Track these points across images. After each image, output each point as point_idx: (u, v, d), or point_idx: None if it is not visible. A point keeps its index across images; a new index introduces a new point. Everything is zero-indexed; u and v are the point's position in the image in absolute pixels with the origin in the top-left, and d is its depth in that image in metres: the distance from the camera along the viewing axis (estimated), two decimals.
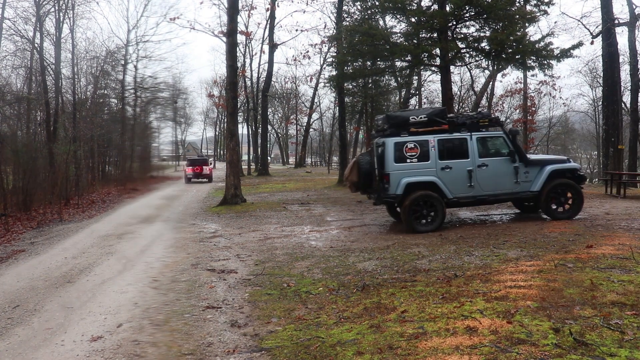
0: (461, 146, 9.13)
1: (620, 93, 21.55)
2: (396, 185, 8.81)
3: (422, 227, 8.83)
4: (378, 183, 9.11)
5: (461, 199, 9.12)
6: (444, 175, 8.96)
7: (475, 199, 9.24)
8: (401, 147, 8.90)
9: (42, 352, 4.07)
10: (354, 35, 16.65)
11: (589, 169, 54.85)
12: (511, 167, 9.22)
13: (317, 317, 4.45)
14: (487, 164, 9.14)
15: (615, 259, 5.48)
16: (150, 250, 8.42)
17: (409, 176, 8.85)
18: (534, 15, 14.59)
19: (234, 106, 16.23)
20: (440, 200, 8.90)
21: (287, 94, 56.74)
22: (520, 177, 9.23)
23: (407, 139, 8.96)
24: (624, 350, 3.04)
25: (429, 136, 9.02)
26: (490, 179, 9.14)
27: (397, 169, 8.86)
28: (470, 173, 9.03)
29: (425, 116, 9.16)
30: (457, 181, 9.01)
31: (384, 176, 8.93)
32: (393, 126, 9.09)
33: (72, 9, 22.66)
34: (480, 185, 9.09)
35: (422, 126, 9.07)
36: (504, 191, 9.28)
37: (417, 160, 8.93)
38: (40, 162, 16.09)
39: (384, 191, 8.95)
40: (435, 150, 8.98)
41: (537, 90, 39.53)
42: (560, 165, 9.60)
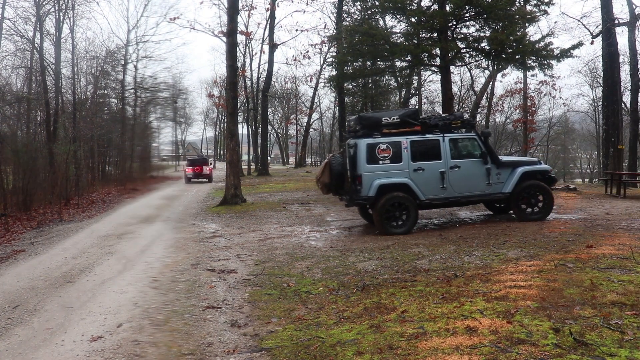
0: (434, 148, 9.08)
1: (620, 93, 21.55)
2: (368, 187, 8.71)
3: (395, 229, 8.76)
4: (350, 184, 8.99)
5: (434, 201, 9.09)
6: (417, 177, 8.91)
7: (448, 201, 9.23)
8: (373, 149, 8.81)
9: (42, 352, 4.07)
10: (354, 35, 16.67)
11: (589, 169, 54.91)
12: (483, 168, 9.22)
13: (317, 317, 4.45)
14: (460, 165, 9.12)
15: (615, 259, 5.48)
16: (150, 250, 8.42)
17: (382, 178, 8.76)
18: (534, 15, 14.60)
19: (234, 106, 16.23)
20: (413, 202, 8.85)
21: (287, 94, 56.78)
22: (492, 179, 9.24)
23: (379, 140, 8.87)
24: (624, 350, 3.04)
25: (401, 137, 8.96)
26: (463, 181, 9.12)
27: (369, 170, 8.76)
28: (442, 175, 9.00)
29: (398, 117, 9.09)
30: (429, 183, 8.96)
31: (356, 178, 8.82)
32: (365, 127, 9.00)
33: (72, 9, 22.69)
34: (453, 186, 9.07)
35: (394, 127, 9.01)
36: (476, 193, 9.28)
37: (389, 162, 8.85)
38: (40, 162, 16.09)
39: (356, 193, 8.85)
40: (408, 152, 8.91)
41: (537, 90, 39.54)
42: (531, 167, 9.63)
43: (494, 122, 45.88)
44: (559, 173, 51.96)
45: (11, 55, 21.90)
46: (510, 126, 45.11)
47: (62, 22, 21.50)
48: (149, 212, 14.40)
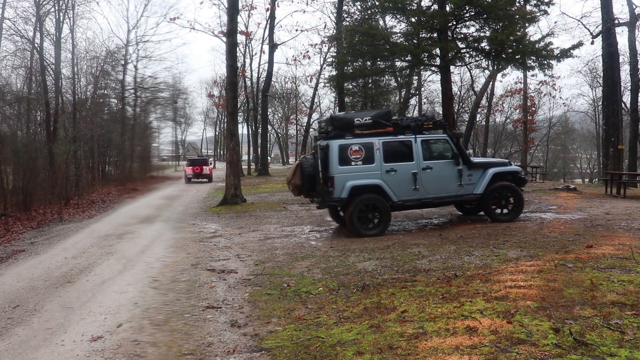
0: (406, 149, 9.06)
1: (620, 93, 21.56)
2: (341, 189, 8.62)
3: (368, 231, 8.71)
4: (322, 186, 8.85)
5: (406, 202, 9.06)
6: (389, 178, 8.86)
7: (420, 202, 9.21)
8: (346, 150, 8.72)
9: (42, 352, 4.07)
10: (354, 35, 16.66)
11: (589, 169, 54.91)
12: (455, 169, 9.23)
13: (317, 317, 4.45)
14: (432, 166, 9.11)
15: (615, 259, 5.48)
16: (150, 250, 8.42)
17: (354, 179, 8.68)
18: (534, 15, 14.60)
19: (234, 106, 16.24)
20: (386, 204, 8.80)
21: (287, 94, 56.76)
22: (464, 180, 9.26)
23: (351, 141, 8.79)
24: (624, 350, 3.04)
25: (373, 138, 8.88)
26: (435, 182, 9.11)
27: (341, 171, 8.67)
28: (415, 176, 8.97)
29: (370, 118, 9.02)
30: (402, 184, 8.92)
31: (328, 179, 8.72)
32: (337, 128, 8.91)
33: (72, 9, 22.70)
34: (425, 188, 9.06)
35: (366, 128, 8.93)
36: (448, 194, 9.28)
37: (361, 163, 8.77)
38: (40, 162, 16.09)
39: (328, 195, 8.73)
40: (380, 153, 8.85)
41: (537, 90, 39.56)
42: (502, 168, 9.66)
43: (494, 122, 45.90)
44: (559, 173, 52.01)
45: (11, 55, 21.93)
46: (510, 126, 45.12)
47: (62, 22, 21.52)
48: (149, 212, 14.40)
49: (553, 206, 11.88)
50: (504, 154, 48.98)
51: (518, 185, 9.69)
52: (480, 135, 42.84)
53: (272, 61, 32.84)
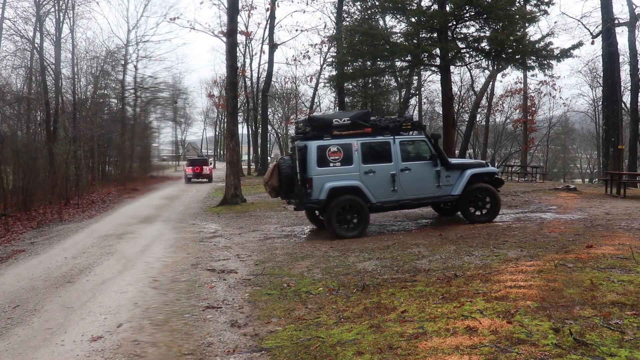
0: (384, 150, 8.98)
1: (620, 93, 21.57)
2: (319, 190, 8.51)
3: (346, 232, 8.63)
4: (300, 188, 8.77)
5: (385, 204, 9.00)
6: (368, 180, 8.78)
7: (399, 204, 9.18)
8: (324, 151, 8.62)
9: (42, 352, 4.07)
10: (354, 35, 16.67)
11: (589, 169, 54.91)
12: (433, 171, 9.21)
13: (317, 317, 4.45)
14: (410, 168, 9.06)
15: (615, 259, 5.48)
16: (150, 250, 8.42)
17: (332, 180, 8.58)
18: (534, 15, 14.60)
19: (234, 106, 16.24)
20: (364, 205, 8.72)
21: (287, 94, 56.74)
22: (442, 181, 9.24)
23: (330, 142, 8.70)
24: (624, 350, 3.04)
25: (352, 139, 8.80)
26: (413, 183, 9.08)
27: (320, 173, 8.57)
28: (393, 177, 8.92)
29: (349, 119, 8.93)
30: (380, 185, 8.86)
31: (306, 181, 8.61)
32: (316, 129, 8.80)
33: (72, 9, 22.70)
34: (404, 189, 9.01)
35: (345, 129, 8.85)
36: (426, 195, 9.26)
37: (340, 164, 8.67)
38: (40, 162, 16.09)
39: (307, 196, 8.62)
40: (359, 154, 8.76)
41: (537, 90, 39.56)
42: (479, 169, 9.67)
43: (494, 122, 45.89)
44: (559, 173, 52.02)
45: (11, 55, 21.93)
46: (510, 126, 45.11)
47: (62, 22, 21.52)
48: (149, 212, 14.40)
49: (553, 206, 11.88)
50: (504, 154, 49.01)
51: (494, 186, 9.76)
52: (480, 135, 42.83)
53: (272, 61, 32.84)
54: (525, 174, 22.94)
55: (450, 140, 16.45)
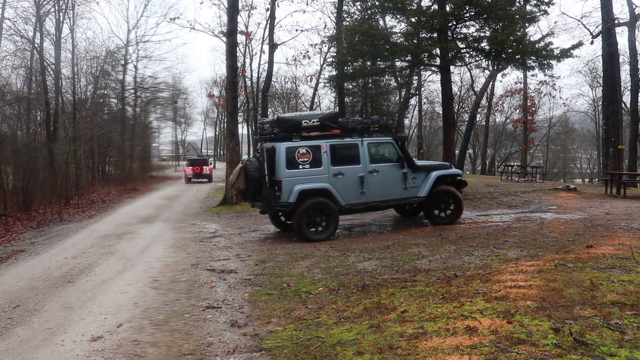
0: (353, 152, 8.92)
1: (620, 93, 21.57)
2: (288, 193, 8.38)
3: (316, 235, 8.54)
4: (268, 190, 8.57)
5: (354, 206, 8.94)
6: (337, 182, 8.69)
7: (367, 206, 9.14)
8: (293, 152, 8.47)
9: (42, 352, 4.07)
10: (354, 35, 16.66)
11: (589, 169, 54.92)
12: (400, 173, 9.21)
13: (317, 317, 4.45)
14: (378, 170, 9.03)
15: (615, 259, 5.48)
16: (150, 250, 8.42)
17: (302, 183, 8.45)
18: (534, 15, 14.59)
19: (234, 106, 16.24)
20: (334, 208, 8.63)
21: (287, 94, 56.73)
22: (408, 183, 9.25)
23: (299, 143, 8.55)
24: (624, 350, 3.04)
25: (321, 141, 8.70)
26: (381, 185, 9.05)
27: (289, 175, 8.43)
28: (362, 179, 8.86)
29: (318, 120, 8.80)
30: (349, 188, 8.78)
31: (275, 183, 8.44)
32: (285, 130, 8.64)
33: (72, 9, 22.70)
34: (372, 191, 8.97)
35: (314, 130, 8.73)
36: (393, 197, 9.25)
37: (309, 166, 8.55)
38: (40, 162, 16.09)
39: (276, 199, 8.46)
40: (328, 156, 8.67)
41: (537, 90, 39.61)
42: (444, 171, 9.71)
43: (494, 122, 45.94)
44: (559, 173, 52.03)
45: (11, 55, 21.93)
46: (510, 126, 45.14)
47: (62, 22, 21.52)
48: (149, 212, 14.40)
49: (553, 206, 11.88)
50: (504, 154, 49.02)
51: (457, 188, 9.81)
52: (480, 135, 42.86)
53: (272, 61, 32.78)
54: (525, 174, 22.94)
55: (450, 140, 16.45)
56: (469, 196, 14.71)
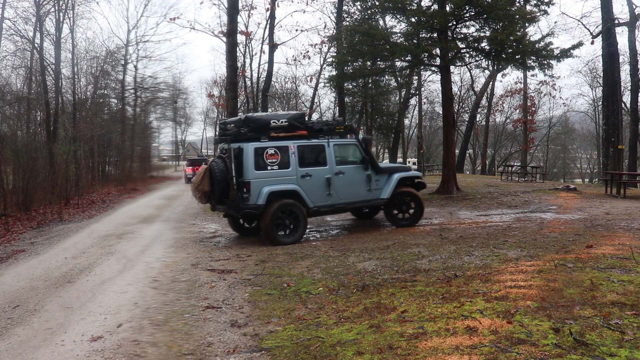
0: (320, 153, 8.87)
1: (620, 93, 21.58)
2: (257, 195, 8.18)
3: (285, 238, 8.39)
4: (236, 192, 8.28)
5: (321, 208, 8.85)
6: (304, 184, 8.59)
7: (334, 208, 9.07)
8: (262, 153, 8.30)
9: (42, 352, 4.07)
10: (354, 35, 16.67)
11: (589, 169, 54.93)
12: (364, 174, 9.22)
13: (317, 317, 4.45)
14: (344, 171, 9.01)
15: (615, 259, 5.48)
16: (150, 250, 8.42)
17: (271, 184, 8.29)
18: (534, 15, 14.60)
19: (234, 106, 16.24)
20: (303, 210, 8.52)
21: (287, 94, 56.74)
22: (372, 185, 9.28)
23: (267, 144, 8.39)
24: (624, 350, 3.04)
25: (288, 142, 8.58)
26: (347, 187, 9.03)
27: (257, 176, 8.23)
28: (328, 181, 8.81)
29: (286, 120, 8.68)
30: (316, 189, 8.71)
31: (244, 185, 8.21)
32: (253, 130, 8.42)
33: (72, 9, 22.68)
34: (338, 193, 8.94)
35: (282, 131, 8.60)
36: (358, 199, 9.24)
37: (277, 168, 8.40)
38: (40, 162, 16.08)
39: (244, 201, 8.20)
40: (296, 157, 8.56)
41: (537, 90, 39.66)
42: (405, 173, 9.77)
43: (494, 122, 45.97)
44: (559, 173, 52.07)
45: (11, 55, 21.91)
46: (510, 126, 45.16)
47: (62, 22, 21.51)
48: (149, 212, 14.40)
49: (553, 206, 11.88)
50: (504, 154, 49.04)
51: (417, 190, 9.88)
52: (480, 135, 42.88)
53: (272, 61, 32.79)
54: (525, 174, 22.94)
55: (450, 140, 16.46)
56: (469, 196, 14.71)
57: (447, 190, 15.65)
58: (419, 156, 39.14)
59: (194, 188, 8.58)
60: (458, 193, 15.59)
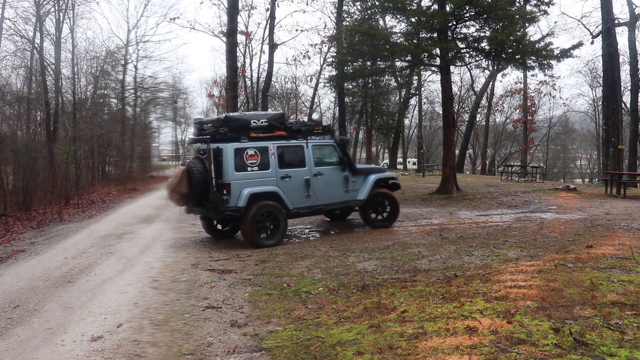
0: (299, 154, 8.78)
1: (620, 93, 21.59)
2: (237, 196, 7.96)
3: (265, 241, 8.20)
4: (215, 194, 7.98)
5: (300, 210, 8.74)
6: (284, 185, 8.47)
7: (312, 210, 8.99)
8: (242, 154, 8.12)
9: (42, 352, 4.07)
10: (354, 35, 16.67)
11: (589, 169, 54.92)
12: (342, 176, 9.17)
13: (317, 317, 4.45)
14: (322, 172, 8.92)
15: (615, 259, 5.48)
16: (150, 250, 8.42)
17: (251, 186, 8.10)
18: (534, 15, 14.60)
19: (234, 106, 16.26)
20: (283, 212, 8.39)
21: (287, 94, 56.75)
22: (349, 186, 9.24)
23: (247, 144, 8.21)
24: (624, 350, 3.04)
25: (268, 142, 8.43)
26: (325, 188, 8.95)
27: (238, 178, 8.03)
28: (307, 182, 8.71)
29: (266, 121, 8.53)
30: (296, 191, 8.60)
31: (224, 186, 7.96)
32: (233, 130, 8.22)
33: (72, 9, 22.65)
34: (316, 194, 8.84)
35: (262, 131, 8.45)
36: (336, 200, 9.18)
37: (257, 169, 8.24)
38: (40, 162, 16.07)
39: (224, 203, 7.94)
40: (275, 158, 8.43)
41: (537, 90, 39.66)
42: (381, 174, 9.76)
43: (494, 122, 45.98)
44: (559, 173, 52.07)
45: (11, 55, 21.90)
46: (510, 126, 45.16)
47: (62, 22, 21.49)
48: (149, 212, 14.40)
49: (553, 206, 11.88)
50: (504, 154, 49.04)
51: (392, 191, 9.88)
52: (480, 135, 42.89)
53: (272, 61, 32.80)
54: (525, 174, 22.95)
55: (450, 140, 16.47)
56: (469, 196, 14.71)
57: (447, 190, 15.65)
58: (419, 156, 39.16)
59: (171, 190, 8.28)
60: (458, 193, 15.59)
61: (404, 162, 41.73)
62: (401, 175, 28.64)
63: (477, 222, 9.82)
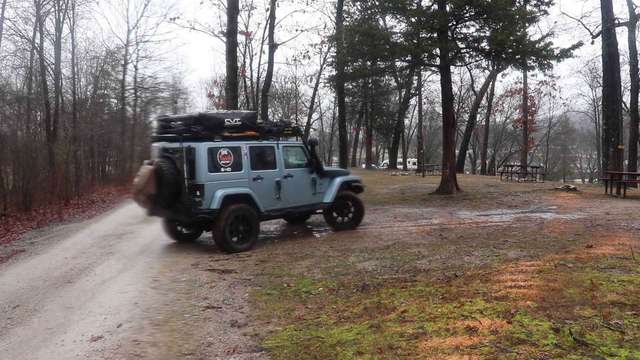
0: (270, 155, 8.63)
1: (620, 93, 21.59)
2: (211, 198, 7.64)
3: (238, 245, 7.91)
4: (187, 196, 7.58)
5: (271, 212, 8.58)
6: (256, 187, 8.25)
7: (283, 212, 8.89)
8: (215, 154, 7.81)
9: (42, 352, 4.07)
10: (354, 35, 16.67)
11: (589, 169, 54.93)
12: (310, 178, 9.11)
13: (317, 317, 4.45)
14: (292, 174, 8.83)
15: (615, 259, 5.48)
16: (150, 250, 8.42)
17: (224, 187, 7.81)
18: (534, 15, 14.60)
19: (234, 106, 16.25)
20: (256, 215, 8.16)
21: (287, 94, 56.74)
22: (317, 189, 9.20)
23: (220, 144, 7.93)
24: (624, 350, 3.04)
25: (240, 142, 8.19)
26: (295, 191, 8.84)
27: (211, 179, 7.72)
28: (278, 184, 8.57)
29: (240, 120, 8.27)
30: (267, 193, 8.42)
31: (197, 188, 7.62)
32: (207, 128, 7.89)
33: (72, 9, 22.66)
34: (287, 197, 8.71)
35: (235, 130, 8.18)
36: (304, 203, 9.10)
37: (230, 170, 7.97)
38: (40, 162, 16.07)
39: (196, 205, 7.58)
40: (248, 159, 8.20)
41: (537, 90, 39.64)
42: (346, 177, 9.76)
43: (494, 122, 45.97)
44: (559, 173, 52.07)
45: (11, 55, 21.90)
46: (510, 126, 45.16)
47: (62, 22, 21.49)
48: None
49: (553, 206, 11.88)
50: (504, 154, 49.05)
51: (356, 193, 9.91)
52: (480, 135, 42.88)
53: (272, 61, 32.78)
54: (525, 174, 22.94)
55: (450, 140, 16.46)
56: (469, 196, 14.72)
57: (447, 190, 15.65)
58: (419, 156, 39.16)
59: (137, 191, 7.78)
60: (458, 193, 15.59)
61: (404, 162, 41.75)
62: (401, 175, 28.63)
63: (477, 222, 9.82)
